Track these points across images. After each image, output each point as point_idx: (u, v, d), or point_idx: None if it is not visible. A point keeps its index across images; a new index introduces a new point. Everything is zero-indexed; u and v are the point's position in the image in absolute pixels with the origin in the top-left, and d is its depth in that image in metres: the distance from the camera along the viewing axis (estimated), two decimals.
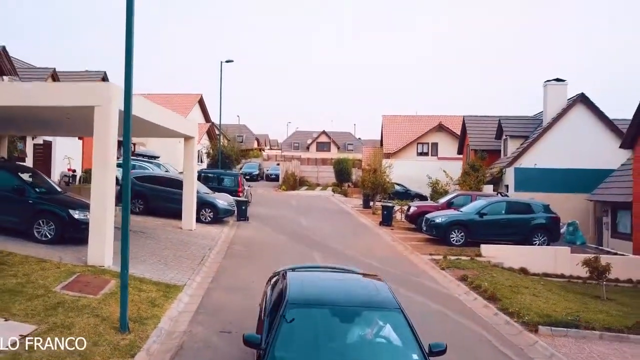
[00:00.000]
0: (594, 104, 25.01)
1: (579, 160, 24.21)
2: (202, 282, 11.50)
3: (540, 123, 26.92)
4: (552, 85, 25.95)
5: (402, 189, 36.21)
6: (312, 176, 55.68)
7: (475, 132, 30.30)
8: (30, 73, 28.40)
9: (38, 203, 12.14)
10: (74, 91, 11.56)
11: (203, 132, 45.04)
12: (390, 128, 44.22)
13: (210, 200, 19.59)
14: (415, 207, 21.22)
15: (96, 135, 11.28)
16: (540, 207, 17.60)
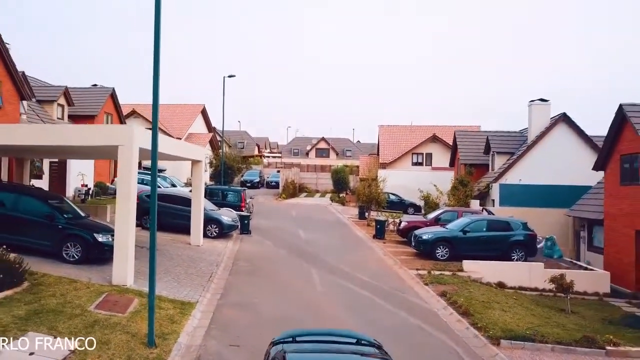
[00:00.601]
0: (574, 123, 26.63)
1: (561, 176, 25.82)
2: (211, 299, 13.08)
3: (525, 139, 28.53)
4: (536, 105, 27.57)
5: (397, 198, 37.82)
6: (312, 183, 57.34)
7: (465, 147, 31.90)
8: (44, 91, 30.05)
9: (67, 228, 13.73)
10: (103, 133, 13.19)
11: (206, 141, 46.73)
12: (386, 138, 45.80)
13: (216, 216, 21.17)
14: (406, 222, 22.81)
15: (120, 170, 12.90)
16: (518, 224, 19.20)
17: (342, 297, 13.94)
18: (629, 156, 17.64)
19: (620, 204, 18.29)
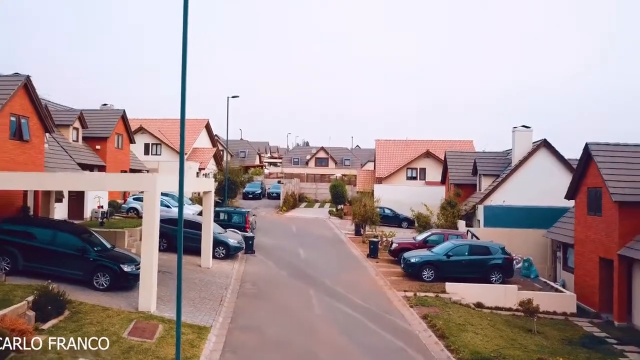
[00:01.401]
0: (554, 148, 28.71)
1: (542, 197, 27.87)
2: (223, 323, 15.12)
3: (510, 162, 30.59)
4: (519, 131, 29.66)
5: (391, 213, 39.87)
6: (311, 193, 59.51)
7: (454, 167, 33.96)
8: (61, 116, 32.14)
9: (97, 260, 15.79)
10: (132, 181, 15.36)
11: (210, 156, 48.79)
12: (382, 152, 47.86)
13: (223, 239, 23.22)
14: (397, 244, 24.85)
15: (145, 211, 14.97)
16: (497, 249, 21.26)
17: (337, 320, 15.98)
18: (594, 189, 19.69)
19: (587, 232, 20.35)
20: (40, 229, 16.14)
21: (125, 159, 37.85)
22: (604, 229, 18.84)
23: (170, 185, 17.27)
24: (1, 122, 20.77)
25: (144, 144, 46.33)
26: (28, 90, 22.54)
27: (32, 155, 22.90)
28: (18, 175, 15.12)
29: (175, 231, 23.15)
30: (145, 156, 45.76)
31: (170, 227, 23.31)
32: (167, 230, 23.04)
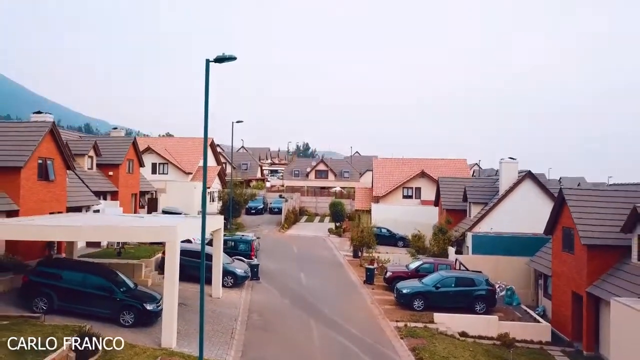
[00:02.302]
0: (538, 180, 30.83)
1: (527, 225, 29.95)
2: (235, 356, 17.20)
3: (497, 191, 32.67)
4: (506, 163, 31.79)
5: (388, 232, 41.94)
6: (311, 206, 61.64)
7: (446, 193, 36.04)
8: (77, 145, 34.25)
9: (123, 300, 17.86)
10: (155, 233, 17.40)
11: (214, 174, 50.86)
12: (380, 172, 49.97)
13: (231, 270, 25.28)
14: (391, 273, 26.92)
15: (167, 261, 17.05)
16: (481, 281, 23.34)
17: (335, 352, 18.06)
18: (568, 229, 21.76)
19: (562, 267, 22.43)
20: (72, 272, 18.19)
21: (135, 182, 39.96)
22: (576, 267, 20.92)
23: (189, 231, 19.39)
24: (30, 166, 22.94)
25: (151, 164, 48.37)
26: (53, 134, 24.70)
27: (56, 193, 25.07)
28: (59, 229, 17.15)
29: (188, 262, 25.35)
30: (152, 175, 47.83)
31: (184, 258, 25.25)
32: (181, 260, 25.17)
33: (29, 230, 16.68)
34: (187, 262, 25.02)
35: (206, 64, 13.73)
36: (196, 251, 26.27)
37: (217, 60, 13.68)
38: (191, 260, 25.13)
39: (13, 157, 22.24)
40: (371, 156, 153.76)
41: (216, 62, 13.73)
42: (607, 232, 20.01)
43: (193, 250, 26.15)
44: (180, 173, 48.71)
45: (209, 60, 13.75)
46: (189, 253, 25.71)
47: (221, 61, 13.67)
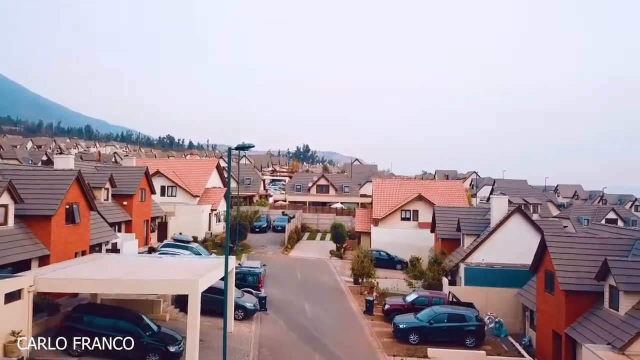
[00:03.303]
0: (526, 214, 32.96)
1: (516, 257, 32.02)
2: None
3: (489, 222, 34.82)
4: (496, 197, 34.08)
5: (387, 256, 44.07)
6: (313, 223, 63.88)
7: (442, 223, 38.17)
8: (94, 179, 36.36)
9: (149, 343, 20.01)
10: (177, 286, 19.59)
11: (221, 196, 52.97)
12: (379, 193, 52.16)
13: (242, 304, 27.39)
14: (389, 306, 29.09)
15: (189, 311, 19.20)
16: (472, 317, 25.50)
17: None
18: (549, 272, 23.89)
19: (544, 305, 24.56)
20: (103, 318, 20.33)
21: (147, 209, 42.16)
22: (556, 307, 23.05)
23: (209, 281, 21.46)
24: (59, 213, 25.08)
25: (160, 186, 50.41)
26: (79, 181, 26.84)
27: (81, 233, 27.23)
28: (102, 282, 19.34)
29: (202, 296, 27.46)
30: (162, 197, 49.92)
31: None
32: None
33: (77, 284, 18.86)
34: (202, 297, 27.23)
35: (228, 152, 15.87)
36: (209, 287, 28.50)
37: (237, 148, 15.81)
38: (205, 294, 27.29)
39: (44, 206, 24.37)
40: (371, 165, 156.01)
41: (236, 150, 15.86)
42: (584, 277, 22.10)
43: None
44: (188, 196, 50.83)
45: (231, 148, 15.88)
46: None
47: (241, 149, 15.79)
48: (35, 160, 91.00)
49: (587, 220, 72.70)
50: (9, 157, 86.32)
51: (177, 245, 37.28)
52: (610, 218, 72.51)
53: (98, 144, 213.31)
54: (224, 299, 23.50)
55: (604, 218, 72.37)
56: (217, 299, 26.41)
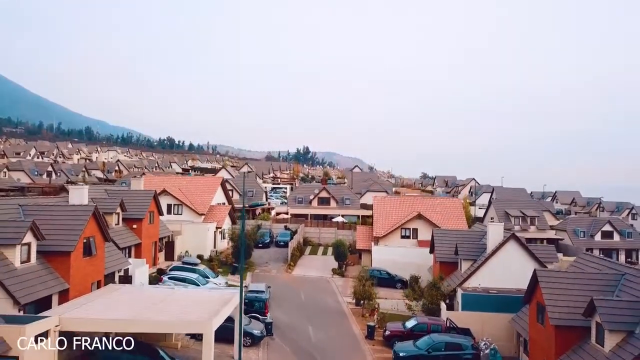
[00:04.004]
0: (521, 241, 34.38)
1: (512, 282, 33.46)
2: None
3: (485, 247, 36.24)
4: (492, 225, 35.47)
5: (387, 275, 45.44)
6: (315, 237, 65.38)
7: (440, 246, 39.57)
8: (106, 204, 37.73)
9: None
10: (193, 325, 20.99)
11: (225, 214, 54.41)
12: (379, 211, 53.61)
13: (250, 331, 28.77)
14: (389, 332, 30.52)
15: (204, 350, 20.62)
16: (468, 345, 26.93)
17: None
18: (540, 305, 25.31)
19: (536, 334, 25.97)
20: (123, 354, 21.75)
21: (156, 231, 43.60)
22: (546, 339, 24.46)
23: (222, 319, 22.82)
24: (77, 247, 26.51)
25: (167, 205, 51.81)
26: (95, 216, 28.27)
27: (97, 265, 28.67)
28: (109, 322, 20.73)
29: None
30: (168, 215, 51.31)
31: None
32: None
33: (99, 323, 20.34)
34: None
35: (242, 213, 17.26)
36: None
37: (251, 206, 17.15)
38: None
39: (63, 242, 25.80)
40: (371, 172, 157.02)
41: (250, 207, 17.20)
42: (573, 312, 23.49)
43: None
44: (193, 214, 52.24)
45: (245, 206, 17.28)
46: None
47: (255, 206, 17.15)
48: (41, 172, 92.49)
49: (584, 232, 74.27)
50: (15, 169, 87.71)
51: (185, 268, 38.73)
52: (606, 230, 74.03)
53: (100, 148, 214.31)
54: (234, 328, 25.11)
55: (599, 231, 74.00)
56: (226, 327, 27.83)
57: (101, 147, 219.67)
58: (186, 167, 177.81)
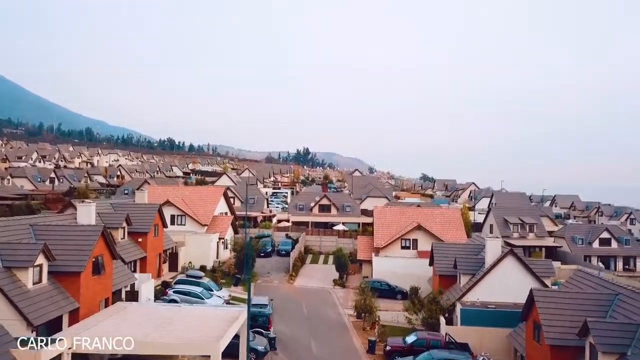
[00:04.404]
0: (518, 256, 35.15)
1: (510, 296, 34.19)
2: None
3: (484, 262, 37.00)
4: (490, 240, 36.25)
5: (387, 286, 46.20)
6: (316, 245, 66.20)
7: (439, 259, 40.32)
8: (112, 219, 38.48)
9: None
10: (201, 347, 21.72)
11: (228, 224, 55.18)
12: (380, 222, 54.37)
13: (254, 347, 29.49)
14: (390, 347, 31.27)
15: None
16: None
17: None
18: (537, 323, 26.05)
19: (533, 352, 26.67)
20: None
21: (160, 243, 44.39)
22: (542, 357, 25.23)
23: (228, 339, 23.55)
24: (87, 267, 27.27)
25: (170, 215, 52.57)
26: (104, 235, 29.03)
27: (104, 282, 29.42)
28: (119, 343, 21.46)
29: None
30: (171, 226, 52.03)
31: None
32: None
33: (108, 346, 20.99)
34: None
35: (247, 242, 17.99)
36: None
37: None
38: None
39: (73, 263, 26.56)
40: (371, 175, 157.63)
41: None
42: (568, 332, 24.24)
43: None
44: (196, 224, 53.00)
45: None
46: None
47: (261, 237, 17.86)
48: (44, 178, 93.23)
49: (582, 239, 75.09)
50: (18, 175, 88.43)
51: (189, 281, 39.50)
52: (604, 237, 74.80)
53: (101, 151, 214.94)
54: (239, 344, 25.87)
55: (597, 238, 74.78)
56: (232, 343, 28.59)
57: (102, 150, 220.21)
58: (187, 170, 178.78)
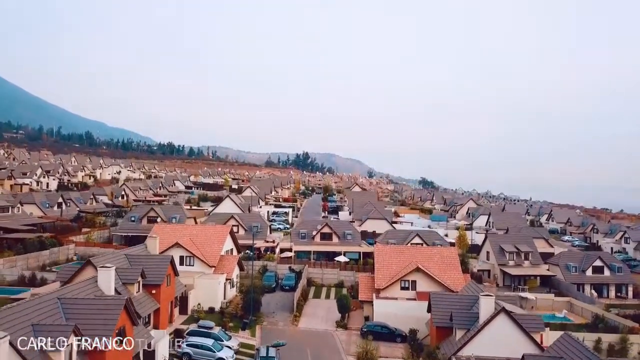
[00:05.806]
0: (510, 314, 37.53)
1: (503, 352, 36.55)
2: None
3: (478, 315, 39.37)
4: (484, 297, 38.58)
5: (387, 330, 48.54)
6: (318, 277, 68.73)
7: (437, 310, 42.66)
8: (127, 274, 40.75)
9: None
10: None
11: (234, 264, 57.50)
12: (380, 261, 56.72)
13: None
14: None
15: None
16: None
17: None
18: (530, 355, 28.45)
19: None
20: None
21: (172, 291, 46.74)
22: None
23: None
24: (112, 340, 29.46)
25: (179, 256, 54.88)
26: (127, 307, 31.35)
27: (127, 355, 31.64)
28: None
29: None
30: (180, 266, 54.31)
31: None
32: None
33: None
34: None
35: None
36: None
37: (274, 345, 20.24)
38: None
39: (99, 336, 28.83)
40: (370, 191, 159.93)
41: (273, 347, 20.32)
42: None
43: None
44: (204, 265, 55.29)
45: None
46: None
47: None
48: (52, 204, 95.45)
49: (575, 267, 77.51)
50: (27, 202, 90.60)
51: (201, 332, 41.78)
52: (597, 265, 77.22)
53: (103, 161, 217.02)
54: None
55: (590, 266, 77.20)
56: None
57: (104, 160, 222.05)
58: (189, 184, 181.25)
